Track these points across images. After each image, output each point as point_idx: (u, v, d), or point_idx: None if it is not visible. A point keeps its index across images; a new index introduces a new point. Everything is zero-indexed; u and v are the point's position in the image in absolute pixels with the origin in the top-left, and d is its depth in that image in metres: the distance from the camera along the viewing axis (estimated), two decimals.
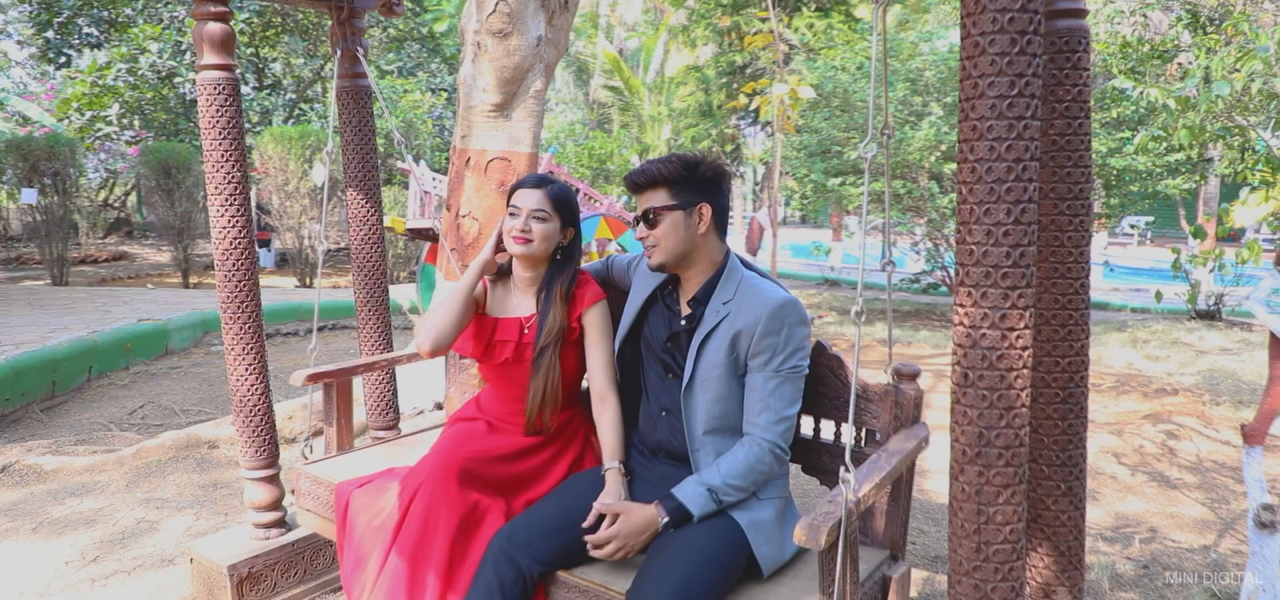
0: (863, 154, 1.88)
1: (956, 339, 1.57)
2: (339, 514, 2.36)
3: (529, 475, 2.32)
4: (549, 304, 2.34)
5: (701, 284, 2.20)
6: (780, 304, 2.07)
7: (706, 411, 2.11)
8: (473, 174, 5.12)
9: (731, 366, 2.10)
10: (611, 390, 2.32)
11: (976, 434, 1.53)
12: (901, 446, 2.09)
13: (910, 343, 9.08)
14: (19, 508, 4.04)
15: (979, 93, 1.47)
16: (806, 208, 13.39)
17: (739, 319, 2.08)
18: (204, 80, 2.88)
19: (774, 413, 2.06)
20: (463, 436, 2.34)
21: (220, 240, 2.96)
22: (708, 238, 2.18)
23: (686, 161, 2.14)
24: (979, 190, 1.49)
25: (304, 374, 2.98)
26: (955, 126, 9.38)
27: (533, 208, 2.31)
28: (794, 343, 2.08)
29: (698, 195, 2.14)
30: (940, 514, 4.06)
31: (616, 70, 24.36)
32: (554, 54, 5.27)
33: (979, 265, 1.50)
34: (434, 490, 2.14)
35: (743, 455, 2.04)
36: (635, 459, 2.31)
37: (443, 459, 2.19)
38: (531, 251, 2.33)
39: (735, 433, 2.13)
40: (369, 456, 2.93)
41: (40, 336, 6.63)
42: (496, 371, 2.44)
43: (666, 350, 2.24)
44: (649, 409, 2.29)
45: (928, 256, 11.45)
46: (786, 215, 31.24)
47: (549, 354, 2.31)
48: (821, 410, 2.38)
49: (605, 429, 2.28)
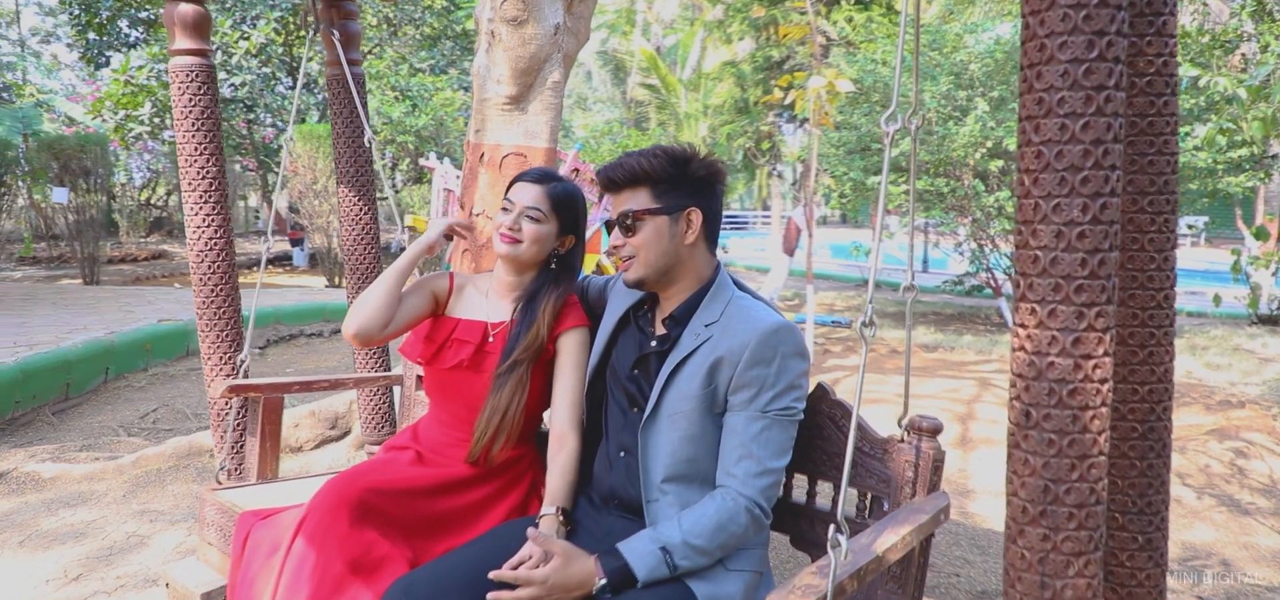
0: (884, 128, 1.56)
1: (1016, 367, 1.25)
2: (236, 548, 2.02)
3: (455, 516, 1.95)
4: (531, 315, 2.00)
5: (681, 302, 1.84)
6: (772, 329, 1.70)
7: (670, 453, 1.73)
8: (487, 170, 4.86)
9: (707, 400, 1.72)
10: (573, 431, 1.94)
11: (1041, 488, 1.22)
12: (913, 517, 1.67)
13: (954, 348, 8.67)
14: (10, 518, 3.87)
15: (1046, 56, 1.16)
16: (846, 207, 12.98)
17: (722, 344, 1.71)
18: (176, 66, 2.66)
19: (756, 462, 1.67)
20: (371, 465, 1.99)
21: (195, 240, 2.73)
22: (696, 249, 1.82)
23: (674, 157, 1.79)
24: (1046, 180, 1.18)
25: (226, 385, 2.63)
26: (1002, 122, 9.00)
27: (527, 205, 2.00)
28: (787, 378, 1.69)
29: (687, 198, 1.79)
30: (987, 542, 3.71)
31: (653, 68, 24.11)
32: (574, 43, 5.00)
33: (1045, 275, 1.19)
34: (317, 526, 1.76)
35: (712, 511, 1.65)
36: (583, 509, 1.92)
37: (334, 489, 1.81)
38: (518, 253, 2.01)
39: (705, 484, 1.75)
40: (293, 488, 2.56)
41: (57, 337, 6.53)
42: (444, 380, 2.05)
43: (632, 377, 1.87)
44: (606, 449, 1.91)
45: (972, 257, 10.99)
46: (826, 215, 30.69)
47: (520, 371, 1.96)
48: (819, 469, 1.96)
49: (554, 471, 1.89)
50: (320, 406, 4.92)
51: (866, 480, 1.91)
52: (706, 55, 22.35)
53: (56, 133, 14.41)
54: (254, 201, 23.63)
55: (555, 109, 4.93)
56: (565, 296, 2.05)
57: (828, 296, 13.91)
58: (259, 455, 2.75)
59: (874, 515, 1.92)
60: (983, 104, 8.96)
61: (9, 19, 26.10)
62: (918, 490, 1.82)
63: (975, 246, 10.68)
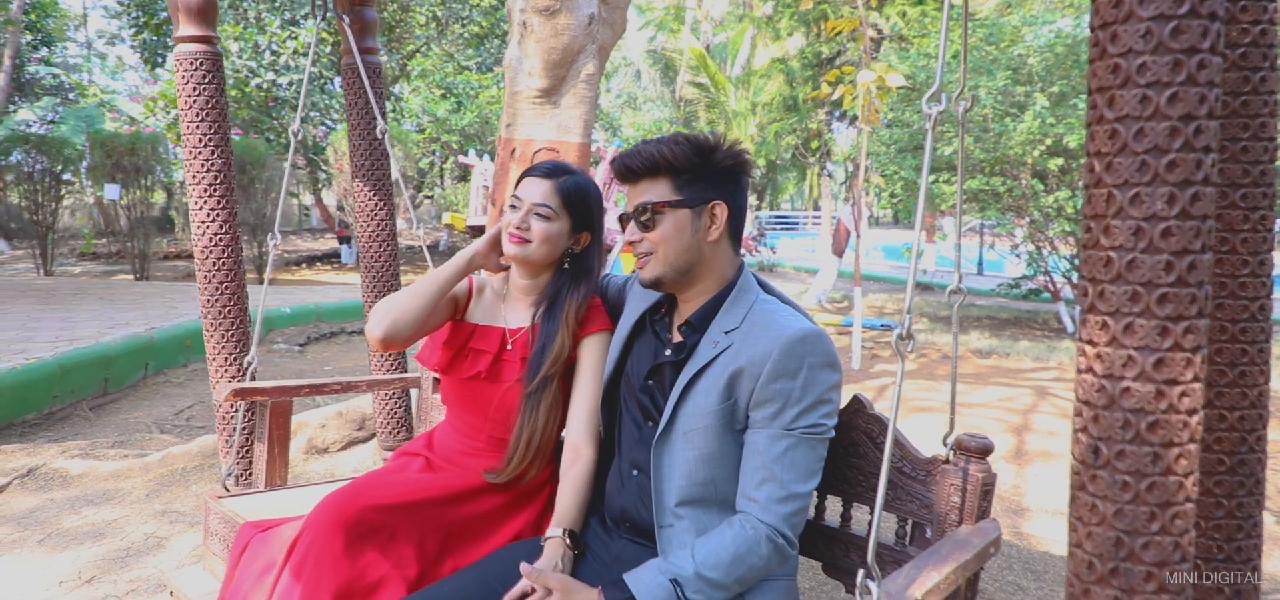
0: (925, 111, 1.39)
1: (1082, 392, 1.04)
2: (232, 560, 1.89)
3: (468, 525, 1.81)
4: (555, 322, 1.85)
5: (700, 305, 1.67)
6: (798, 337, 1.52)
7: (685, 474, 1.57)
8: (518, 166, 4.71)
9: (726, 416, 1.55)
10: (589, 444, 1.80)
11: (1112, 541, 1.00)
12: (957, 553, 1.48)
13: (1009, 354, 8.31)
14: (34, 516, 3.83)
15: (1124, 11, 0.94)
16: (897, 206, 12.62)
17: (742, 353, 1.55)
18: (180, 53, 2.54)
19: (780, 486, 1.50)
20: (375, 477, 1.85)
21: (199, 235, 2.61)
22: (719, 247, 1.65)
23: (698, 144, 1.61)
24: (1123, 166, 0.96)
25: (230, 387, 2.53)
26: (1062, 119, 8.60)
27: (536, 202, 1.84)
28: (815, 392, 1.52)
29: (711, 190, 1.62)
30: (1043, 566, 3.44)
31: (702, 66, 23.87)
32: (609, 35, 4.83)
33: (1121, 281, 0.97)
34: (310, 547, 1.64)
35: (729, 540, 1.49)
36: (593, 531, 1.78)
37: (329, 507, 1.69)
38: (527, 254, 1.85)
39: (725, 508, 1.58)
40: (300, 496, 2.45)
41: (99, 332, 6.57)
42: (461, 389, 1.93)
43: (646, 389, 1.71)
44: (619, 466, 1.76)
45: (1029, 260, 10.57)
46: (878, 215, 30.14)
47: (552, 387, 1.83)
48: (854, 491, 1.79)
49: (566, 487, 1.75)
50: (348, 407, 4.82)
51: (907, 505, 1.72)
52: (756, 52, 22.05)
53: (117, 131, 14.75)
54: (308, 200, 24.01)
55: (589, 102, 4.76)
56: (587, 299, 1.90)
57: (878, 299, 13.55)
58: (267, 461, 2.62)
59: (915, 542, 1.74)
60: (1042, 99, 8.57)
61: (76, 22, 26.91)
62: (964, 518, 1.63)
63: (1033, 248, 10.26)
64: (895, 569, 1.78)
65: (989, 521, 1.66)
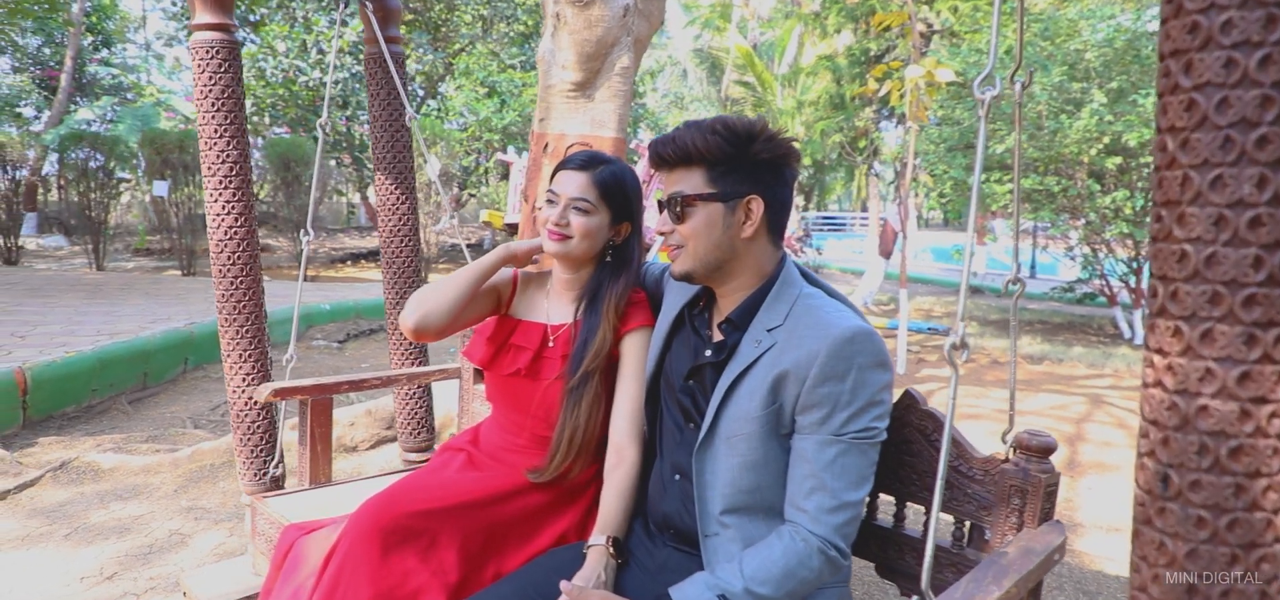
0: (978, 95, 1.27)
1: (1149, 409, 0.88)
2: (275, 561, 1.87)
3: (513, 525, 1.77)
4: (597, 317, 1.81)
5: (740, 302, 1.58)
6: (846, 336, 1.42)
7: (729, 482, 1.49)
8: (551, 162, 4.60)
9: (771, 422, 1.46)
10: (633, 443, 1.74)
11: (1183, 589, 0.84)
12: (1021, 561, 1.38)
13: (1062, 361, 8.01)
14: (62, 510, 3.83)
15: None
16: (946, 207, 12.29)
17: (786, 354, 1.45)
18: (196, 41, 2.47)
19: (830, 495, 1.41)
20: (417, 480, 1.81)
21: (215, 228, 2.54)
22: (755, 243, 1.55)
23: (735, 133, 1.49)
24: (1202, 143, 0.81)
25: (269, 387, 2.51)
26: (1121, 116, 8.25)
27: (573, 196, 1.79)
28: (866, 394, 1.42)
29: (747, 183, 1.51)
30: (1097, 587, 3.24)
31: (749, 65, 23.64)
32: (645, 26, 4.70)
33: (1198, 280, 0.82)
34: (346, 556, 1.62)
35: (779, 553, 1.41)
36: (637, 537, 1.71)
37: (366, 514, 1.66)
38: (568, 251, 1.80)
39: (772, 515, 1.50)
40: (346, 494, 2.43)
41: (139, 326, 6.63)
42: (503, 386, 1.90)
43: (686, 390, 1.63)
44: (661, 469, 1.69)
45: (1084, 263, 10.20)
46: (928, 217, 29.58)
47: (594, 383, 1.78)
48: (907, 490, 1.71)
49: (610, 490, 1.70)
50: (377, 406, 4.77)
51: (964, 506, 1.62)
52: (804, 50, 21.76)
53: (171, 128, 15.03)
54: (355, 198, 24.29)
55: (624, 96, 4.64)
56: (629, 292, 1.84)
57: (926, 301, 13.23)
58: (310, 459, 2.60)
59: (973, 543, 1.65)
60: (1099, 96, 8.24)
61: (136, 24, 27.58)
62: (1026, 521, 1.53)
63: (1088, 251, 9.90)
64: (953, 575, 1.66)
65: (1052, 524, 1.53)
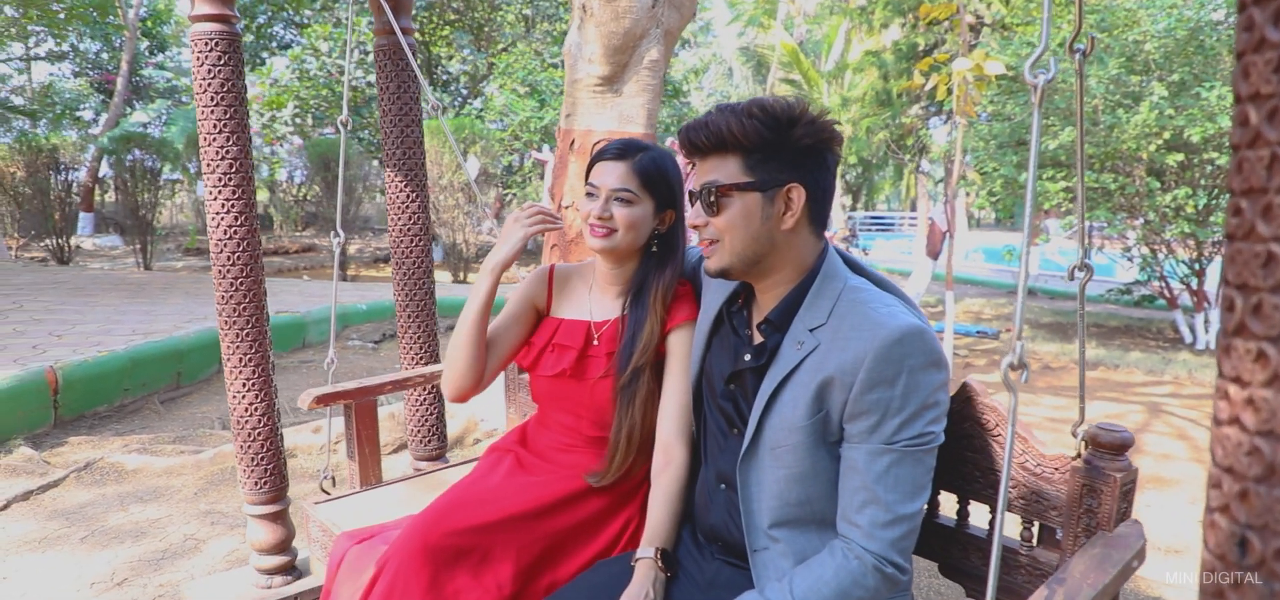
0: (1029, 79, 1.13)
1: (1221, 453, 0.70)
2: (329, 571, 1.81)
3: (570, 534, 1.72)
4: (644, 310, 1.74)
5: (779, 299, 1.45)
6: (893, 337, 1.30)
7: (777, 495, 1.40)
8: (577, 158, 4.47)
9: (818, 430, 1.36)
10: (681, 443, 1.67)
11: None
12: (1093, 574, 1.25)
13: (1118, 366, 7.65)
14: (82, 512, 3.80)
15: None
16: (996, 206, 11.90)
17: (831, 357, 1.34)
18: (196, 33, 2.38)
19: (884, 508, 1.30)
20: (463, 493, 1.74)
21: (214, 226, 2.45)
22: (796, 235, 1.43)
23: (774, 117, 1.36)
24: None
25: (312, 394, 2.45)
26: (1183, 110, 7.86)
27: (615, 187, 1.70)
28: (919, 398, 1.30)
29: (787, 171, 1.38)
30: None
31: (795, 62, 23.35)
32: (676, 18, 4.53)
33: None
34: (395, 579, 1.57)
35: (831, 573, 1.31)
36: (686, 548, 1.62)
37: (413, 534, 1.61)
38: (614, 245, 1.71)
39: (824, 526, 1.40)
40: (398, 495, 2.40)
41: (174, 326, 6.66)
42: (547, 387, 1.83)
43: (728, 394, 1.53)
44: (706, 477, 1.61)
45: (1142, 264, 9.76)
46: (979, 217, 28.90)
47: (645, 379, 1.72)
48: (970, 487, 1.61)
49: (657, 495, 1.64)
50: (400, 410, 4.68)
51: (1032, 506, 1.54)
52: (850, 46, 21.40)
53: None
54: None
55: (653, 90, 4.47)
56: (675, 284, 1.75)
57: (975, 303, 12.84)
58: (359, 462, 2.58)
59: (1043, 543, 1.56)
60: (1160, 89, 7.86)
61: (187, 27, 28.23)
62: (1101, 522, 1.43)
63: (1147, 252, 9.47)
64: (1023, 578, 1.57)
65: (1130, 525, 1.42)
